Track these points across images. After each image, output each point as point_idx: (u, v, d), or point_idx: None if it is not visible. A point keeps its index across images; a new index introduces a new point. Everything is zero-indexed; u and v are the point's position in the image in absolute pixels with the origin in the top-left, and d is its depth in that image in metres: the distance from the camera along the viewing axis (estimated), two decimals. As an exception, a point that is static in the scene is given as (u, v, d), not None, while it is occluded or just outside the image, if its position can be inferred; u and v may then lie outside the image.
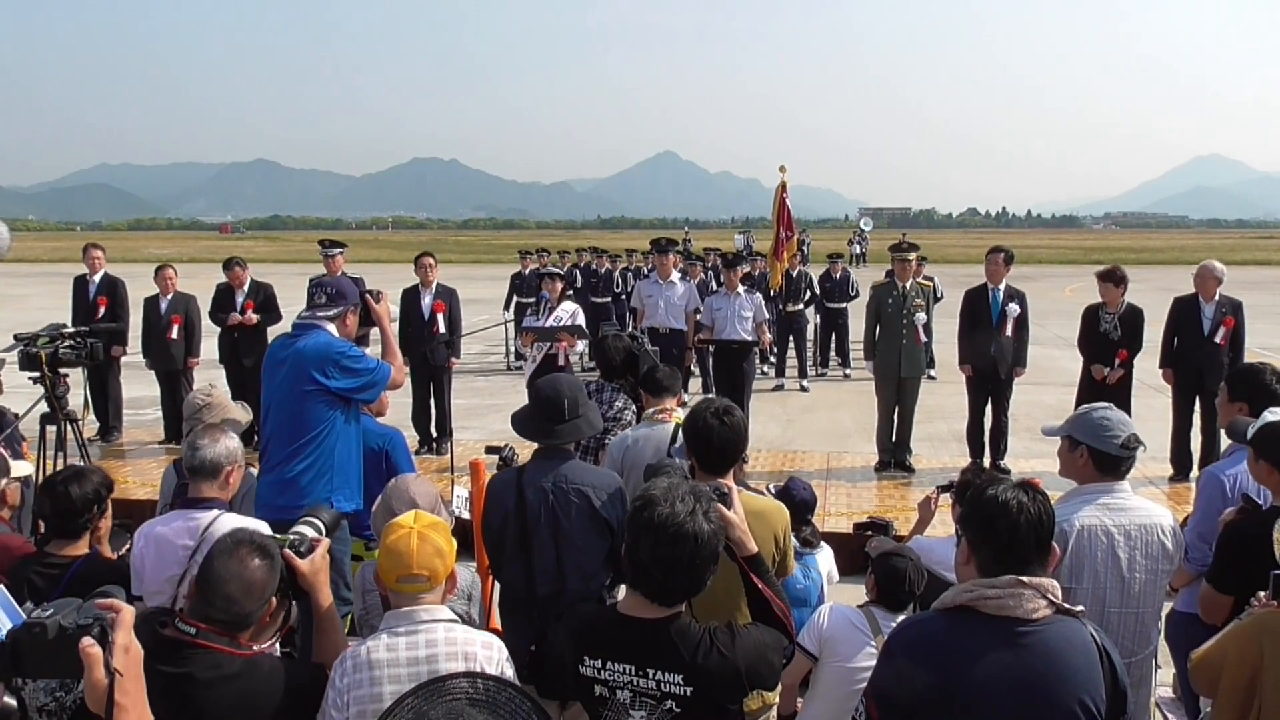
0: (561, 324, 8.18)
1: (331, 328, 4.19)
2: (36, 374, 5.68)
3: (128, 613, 1.69)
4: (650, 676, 2.23)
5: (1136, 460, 3.09)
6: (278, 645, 2.79)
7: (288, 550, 2.55)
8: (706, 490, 2.37)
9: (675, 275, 10.21)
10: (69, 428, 5.82)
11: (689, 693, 2.21)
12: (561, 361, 8.12)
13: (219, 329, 9.59)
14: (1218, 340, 7.90)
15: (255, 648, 2.41)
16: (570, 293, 10.60)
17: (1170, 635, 3.39)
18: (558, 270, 9.46)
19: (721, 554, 2.33)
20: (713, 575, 2.28)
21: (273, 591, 2.43)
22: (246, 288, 9.59)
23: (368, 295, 4.40)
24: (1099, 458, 3.03)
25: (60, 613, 1.68)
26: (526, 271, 15.27)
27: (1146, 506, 3.05)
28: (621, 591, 3.68)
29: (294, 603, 2.59)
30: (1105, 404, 3.16)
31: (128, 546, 3.52)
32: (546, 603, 3.46)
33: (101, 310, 9.61)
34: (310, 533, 2.68)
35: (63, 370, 5.80)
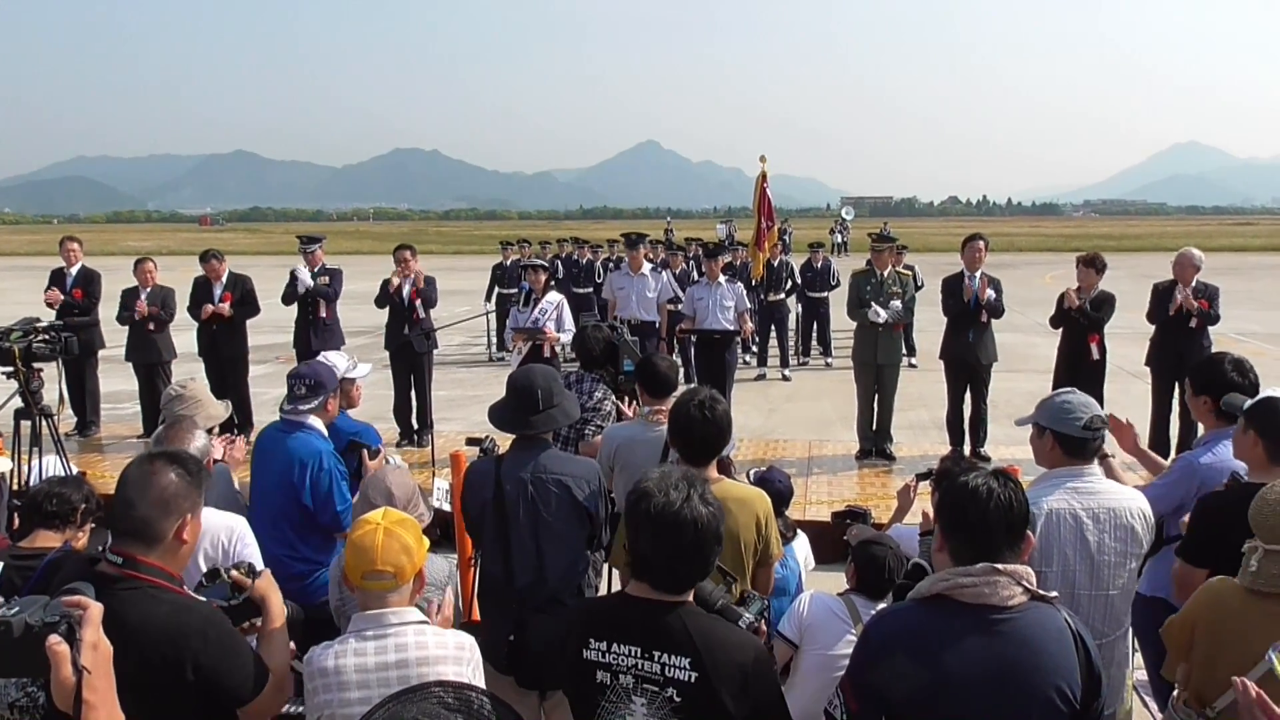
0: (546, 315, 8.15)
1: (317, 423, 4.21)
2: (9, 369, 5.61)
3: (95, 609, 1.67)
4: (655, 659, 2.18)
5: (1107, 440, 3.11)
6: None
7: (235, 572, 2.51)
8: (698, 474, 2.36)
9: (646, 267, 10.18)
10: (44, 423, 5.76)
11: (694, 679, 2.16)
12: (547, 354, 8.10)
13: (196, 322, 9.51)
14: (1192, 325, 7.98)
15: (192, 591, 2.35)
16: (552, 284, 10.55)
17: (1135, 619, 3.42)
18: (541, 262, 9.43)
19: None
20: (718, 555, 2.27)
21: (187, 508, 2.32)
22: (224, 280, 9.50)
23: (364, 453, 4.38)
24: (1064, 441, 3.05)
25: (27, 610, 1.65)
26: (508, 262, 15.22)
27: (1116, 489, 3.06)
28: (603, 584, 3.69)
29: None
30: (1069, 389, 3.19)
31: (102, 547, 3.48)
32: (525, 592, 3.46)
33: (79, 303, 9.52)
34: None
35: (37, 365, 5.73)
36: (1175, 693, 2.63)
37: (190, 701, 2.23)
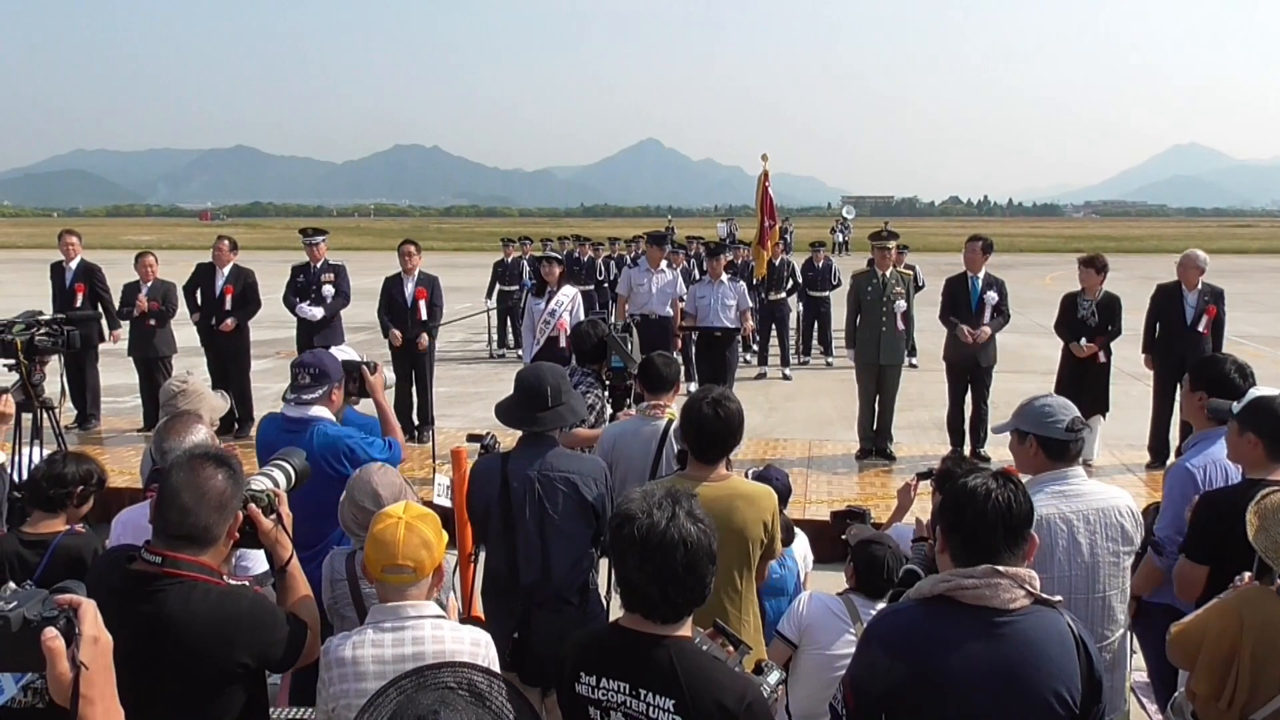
0: (563, 308, 8.13)
1: (323, 411, 4.04)
2: (11, 361, 5.61)
3: (89, 605, 1.66)
4: (641, 697, 2.05)
5: (1093, 442, 3.11)
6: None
7: (253, 506, 2.45)
8: (684, 490, 2.22)
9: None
10: (45, 415, 5.76)
11: None
12: (563, 344, 8.07)
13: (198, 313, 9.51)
14: (1200, 329, 7.95)
15: (229, 579, 2.34)
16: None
17: (1138, 625, 3.41)
18: (556, 255, 9.35)
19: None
20: (713, 576, 2.13)
21: (236, 506, 2.34)
22: (228, 271, 9.48)
23: (364, 368, 4.27)
24: (1047, 445, 3.06)
25: (25, 604, 1.64)
26: (509, 259, 15.21)
27: (1101, 490, 3.08)
28: (601, 579, 3.70)
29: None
30: (1046, 393, 3.22)
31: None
32: (530, 590, 3.47)
33: (79, 297, 9.51)
34: (274, 485, 2.59)
35: (39, 358, 5.73)
36: (1178, 693, 2.62)
37: (240, 682, 2.29)
